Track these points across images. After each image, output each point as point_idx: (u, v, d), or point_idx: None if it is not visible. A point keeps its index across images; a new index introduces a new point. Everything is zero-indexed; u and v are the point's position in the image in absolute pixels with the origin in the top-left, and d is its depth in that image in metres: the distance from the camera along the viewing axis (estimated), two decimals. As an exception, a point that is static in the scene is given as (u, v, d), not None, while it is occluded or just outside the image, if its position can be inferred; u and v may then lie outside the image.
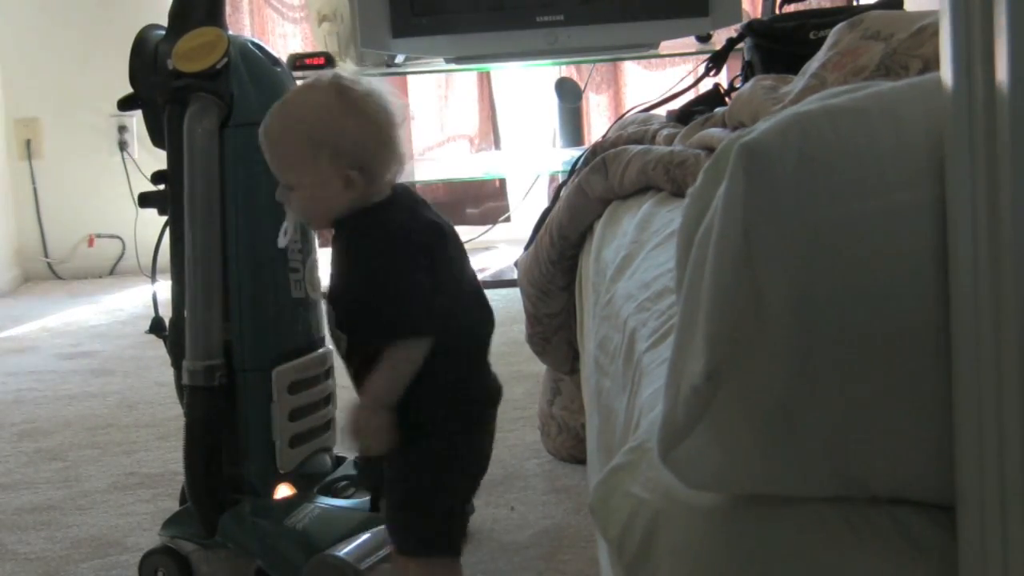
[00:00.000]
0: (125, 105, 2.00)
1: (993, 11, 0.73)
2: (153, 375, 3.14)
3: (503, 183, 4.52)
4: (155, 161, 2.01)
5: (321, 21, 3.88)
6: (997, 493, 0.77)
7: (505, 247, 4.44)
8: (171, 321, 1.95)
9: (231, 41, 1.89)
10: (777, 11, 2.64)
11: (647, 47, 3.66)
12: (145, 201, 1.98)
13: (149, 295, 2.11)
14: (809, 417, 0.84)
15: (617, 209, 1.93)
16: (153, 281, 2.07)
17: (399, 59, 3.76)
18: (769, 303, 0.82)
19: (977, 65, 0.75)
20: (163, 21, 1.98)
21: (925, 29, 1.59)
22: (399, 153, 1.58)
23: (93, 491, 2.42)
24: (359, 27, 3.53)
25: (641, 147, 1.98)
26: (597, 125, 4.39)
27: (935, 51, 1.06)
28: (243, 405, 1.90)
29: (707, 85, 2.39)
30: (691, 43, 3.69)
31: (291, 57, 3.72)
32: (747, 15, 3.70)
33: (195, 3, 1.93)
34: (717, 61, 2.45)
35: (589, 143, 2.89)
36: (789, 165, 0.83)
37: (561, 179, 2.62)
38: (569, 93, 4.25)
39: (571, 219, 2.08)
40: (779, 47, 2.18)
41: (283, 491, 1.92)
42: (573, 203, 2.06)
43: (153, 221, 2.00)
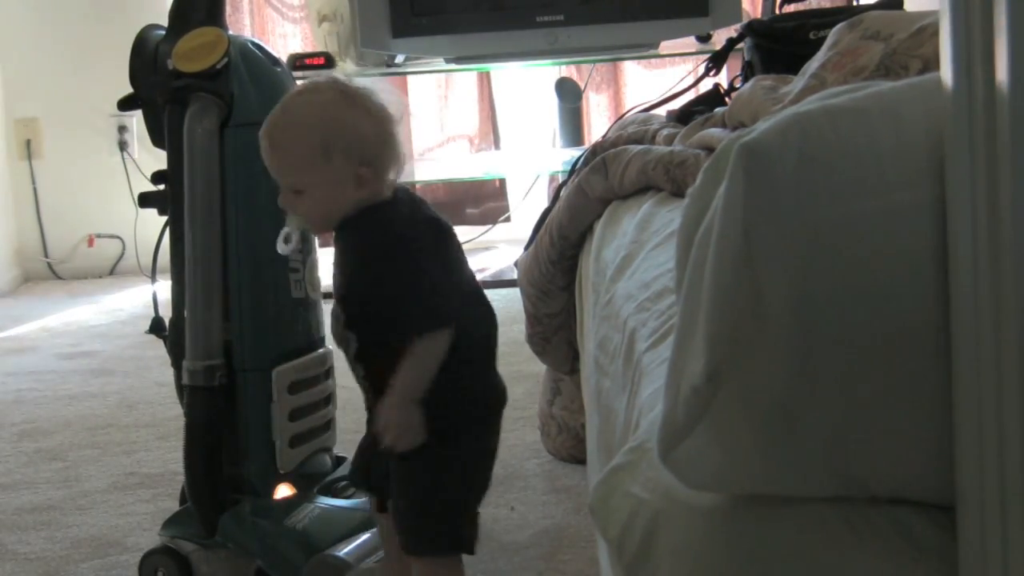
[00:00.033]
0: (125, 105, 2.00)
1: (993, 11, 0.73)
2: (153, 375, 3.14)
3: (503, 183, 4.52)
4: (155, 161, 2.01)
5: (321, 21, 3.88)
6: (997, 493, 0.77)
7: (505, 247, 4.44)
8: (171, 321, 1.95)
9: (231, 41, 1.89)
10: (777, 11, 2.64)
11: (647, 47, 3.66)
12: (145, 201, 1.98)
13: (149, 295, 2.11)
14: (809, 417, 0.84)
15: (617, 209, 1.93)
16: (153, 281, 2.07)
17: (399, 59, 3.76)
18: (769, 303, 0.82)
19: (977, 65, 0.75)
20: (163, 21, 1.98)
21: (925, 29, 1.59)
22: (400, 151, 1.58)
23: (93, 491, 2.41)
24: (359, 27, 3.53)
25: (641, 147, 1.97)
26: (597, 125, 4.39)
27: (935, 51, 1.06)
28: (243, 405, 1.90)
29: (707, 85, 2.39)
30: (691, 43, 3.69)
31: (291, 57, 3.72)
32: (747, 15, 3.70)
33: (195, 3, 1.93)
34: (717, 61, 2.45)
35: (589, 143, 2.89)
36: (789, 165, 0.83)
37: (561, 179, 2.62)
38: (569, 93, 4.25)
39: (571, 219, 2.08)
40: (779, 47, 2.18)
41: (283, 491, 1.92)
42: (573, 203, 2.06)
43: (153, 221, 2.00)
